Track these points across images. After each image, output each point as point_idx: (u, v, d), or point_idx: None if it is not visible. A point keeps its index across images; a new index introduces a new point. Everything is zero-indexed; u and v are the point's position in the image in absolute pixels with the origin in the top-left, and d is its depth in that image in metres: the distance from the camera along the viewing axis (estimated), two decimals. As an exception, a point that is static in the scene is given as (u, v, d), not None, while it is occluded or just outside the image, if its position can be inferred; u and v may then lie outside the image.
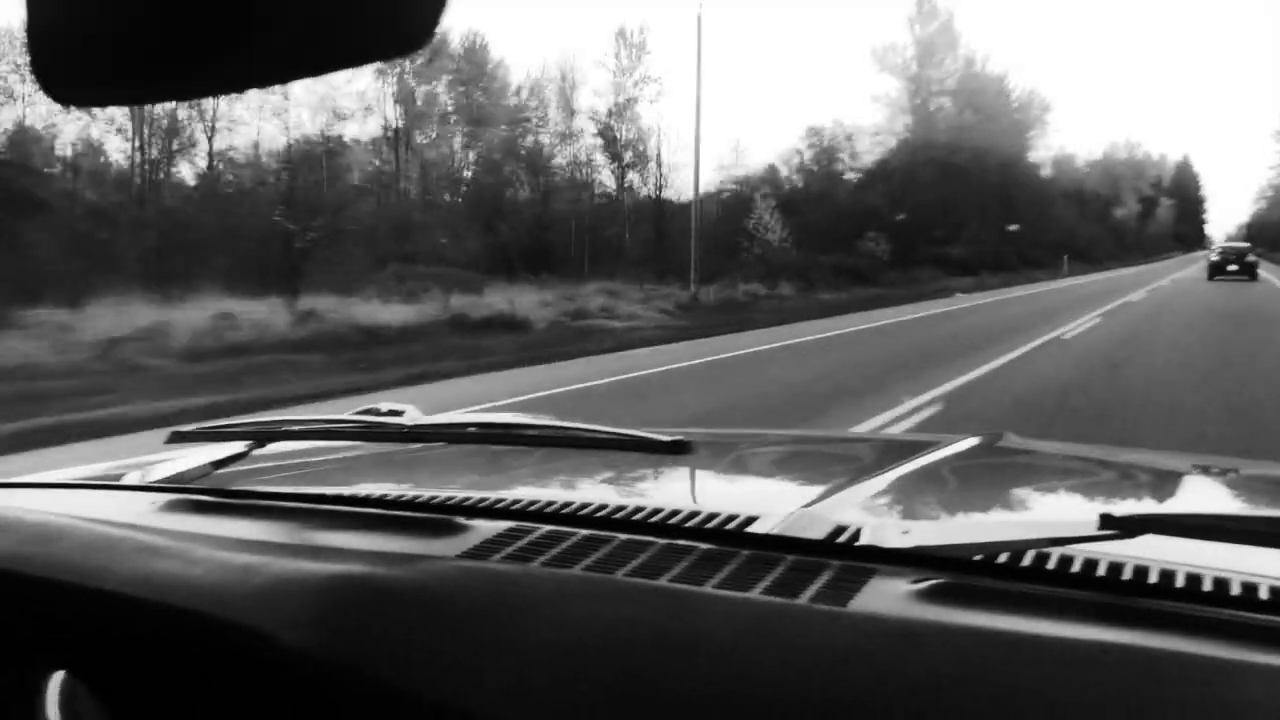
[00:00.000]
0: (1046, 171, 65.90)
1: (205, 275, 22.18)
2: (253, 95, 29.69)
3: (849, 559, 0.85)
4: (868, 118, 62.38)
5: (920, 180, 49.33)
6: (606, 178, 37.83)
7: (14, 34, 28.49)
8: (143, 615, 0.82)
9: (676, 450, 1.05)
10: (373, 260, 24.37)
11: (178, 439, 1.31)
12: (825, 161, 49.02)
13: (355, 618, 0.76)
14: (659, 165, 37.37)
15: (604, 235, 34.96)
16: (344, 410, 1.37)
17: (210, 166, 31.08)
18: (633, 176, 37.68)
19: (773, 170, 47.07)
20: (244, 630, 0.77)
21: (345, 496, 1.16)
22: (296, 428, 1.31)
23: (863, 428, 7.00)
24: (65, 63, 0.50)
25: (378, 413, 1.28)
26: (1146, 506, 1.39)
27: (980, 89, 57.80)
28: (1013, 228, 51.06)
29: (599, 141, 37.42)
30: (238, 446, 1.31)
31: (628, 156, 37.25)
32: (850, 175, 49.66)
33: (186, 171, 31.39)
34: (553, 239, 33.14)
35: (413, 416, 1.26)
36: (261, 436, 1.31)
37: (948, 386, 9.10)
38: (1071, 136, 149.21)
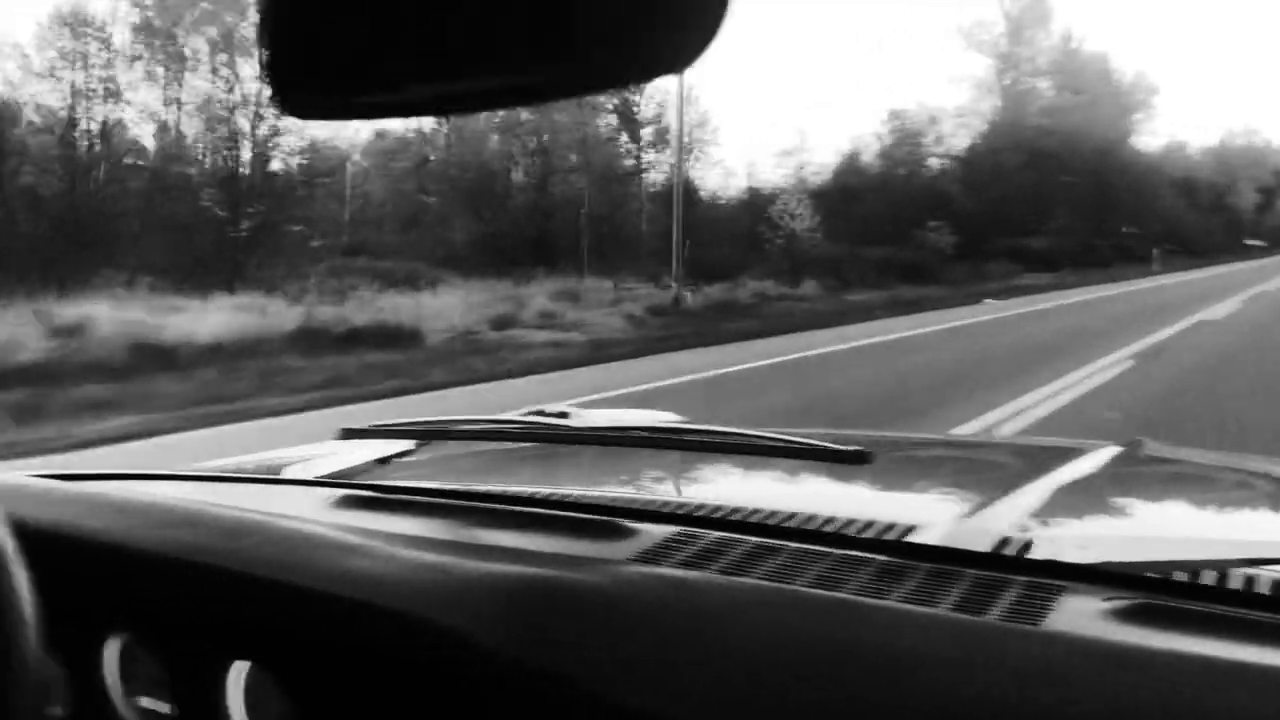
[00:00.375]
0: (1153, 159, 60.15)
1: (130, 268, 19.65)
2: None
3: (1029, 574, 0.83)
4: (950, 99, 58.34)
5: (1006, 166, 45.15)
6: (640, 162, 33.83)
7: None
8: (336, 611, 0.84)
9: (858, 460, 1.04)
10: (324, 253, 21.33)
11: (349, 435, 1.31)
12: (908, 146, 45.08)
13: (545, 619, 0.77)
14: (683, 145, 32.99)
15: (621, 224, 30.96)
16: None
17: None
18: (656, 158, 33.42)
19: (852, 157, 43.31)
20: (439, 629, 0.78)
21: (512, 496, 1.16)
22: (463, 427, 1.32)
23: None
24: (303, 75, 0.49)
25: (543, 414, 1.28)
26: None
27: (1078, 68, 53.19)
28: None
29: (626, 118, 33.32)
30: (402, 444, 1.38)
31: (647, 134, 33.04)
32: (934, 161, 45.52)
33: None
34: (557, 228, 29.30)
35: (578, 418, 1.26)
36: (428, 435, 1.36)
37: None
38: (1184, 123, 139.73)
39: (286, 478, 1.29)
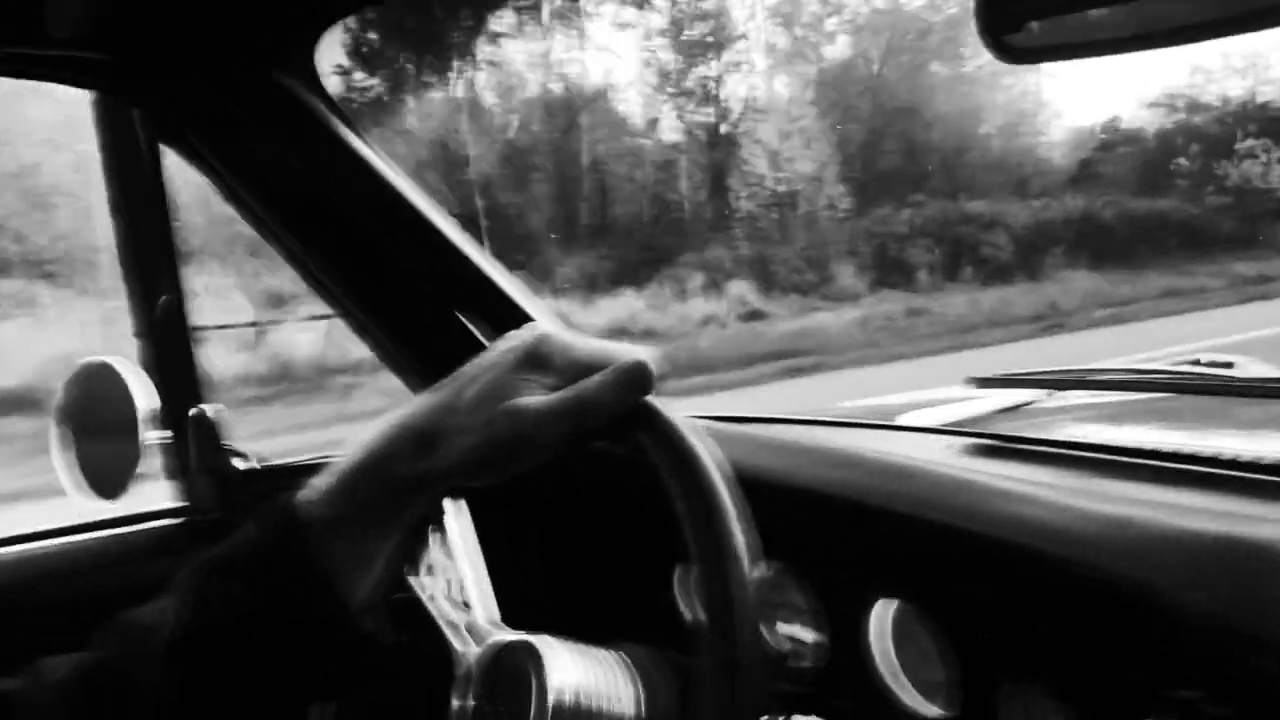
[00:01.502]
0: None
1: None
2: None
3: None
4: None
5: None
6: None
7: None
8: (1003, 555, 0.84)
9: None
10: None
11: (980, 383, 1.34)
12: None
13: (1253, 581, 0.72)
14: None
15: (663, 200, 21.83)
16: None
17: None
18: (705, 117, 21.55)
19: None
20: (1122, 581, 0.76)
21: (1161, 451, 1.05)
22: (1105, 377, 1.27)
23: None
24: (1015, 14, 0.47)
25: (1198, 363, 1.19)
26: None
27: None
28: None
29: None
30: (1027, 394, 1.36)
31: (688, 82, 21.14)
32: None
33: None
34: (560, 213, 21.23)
35: (1246, 369, 1.15)
36: (1064, 385, 1.33)
37: None
38: None
39: (913, 425, 1.30)
